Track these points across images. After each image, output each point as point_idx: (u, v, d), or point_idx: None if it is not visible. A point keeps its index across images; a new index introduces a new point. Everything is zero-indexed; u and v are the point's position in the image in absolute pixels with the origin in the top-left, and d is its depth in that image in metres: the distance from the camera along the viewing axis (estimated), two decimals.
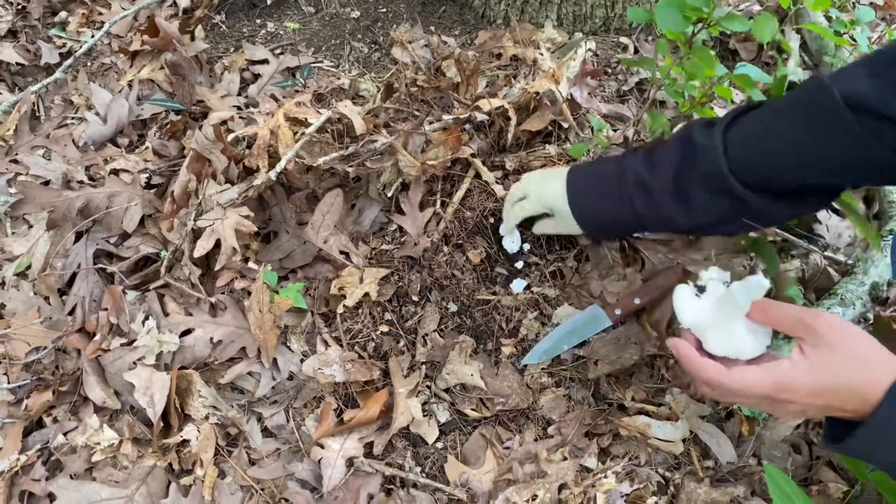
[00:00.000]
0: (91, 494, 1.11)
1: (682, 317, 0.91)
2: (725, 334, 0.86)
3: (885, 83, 0.79)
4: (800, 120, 0.91)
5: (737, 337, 0.85)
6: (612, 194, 1.13)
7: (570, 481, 1.13)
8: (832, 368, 0.74)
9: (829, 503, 1.16)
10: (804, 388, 0.75)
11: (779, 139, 0.93)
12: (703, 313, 0.89)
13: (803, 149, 0.91)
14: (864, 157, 0.85)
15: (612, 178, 1.14)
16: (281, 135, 1.18)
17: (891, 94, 0.78)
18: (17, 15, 1.82)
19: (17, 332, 1.28)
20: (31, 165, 1.51)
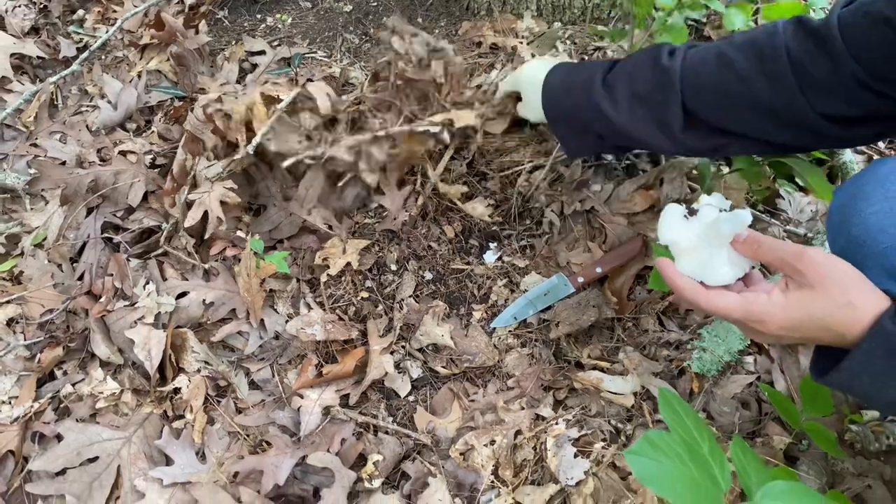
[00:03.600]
0: (94, 436, 1.22)
1: (662, 233, 0.90)
2: (703, 259, 0.86)
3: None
4: (747, 61, 0.97)
5: (713, 263, 0.85)
6: (579, 87, 1.17)
7: (525, 428, 1.21)
8: (809, 307, 0.74)
9: (771, 453, 1.23)
10: (776, 321, 0.75)
11: (727, 75, 0.98)
12: (685, 235, 0.88)
13: (740, 89, 0.97)
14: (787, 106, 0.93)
15: (582, 76, 1.18)
16: (256, 111, 1.28)
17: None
18: (39, 13, 1.95)
19: (33, 295, 1.40)
20: (48, 148, 1.63)
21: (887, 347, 0.68)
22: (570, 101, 1.19)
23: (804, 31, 0.93)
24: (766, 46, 0.95)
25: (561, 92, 1.22)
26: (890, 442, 1.24)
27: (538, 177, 1.52)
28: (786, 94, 0.94)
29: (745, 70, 0.96)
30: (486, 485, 1.16)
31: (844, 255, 0.98)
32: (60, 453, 1.20)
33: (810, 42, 0.91)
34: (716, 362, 1.32)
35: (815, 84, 0.91)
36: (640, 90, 1.07)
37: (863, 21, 0.86)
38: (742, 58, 0.97)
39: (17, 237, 1.49)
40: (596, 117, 1.14)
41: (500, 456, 1.18)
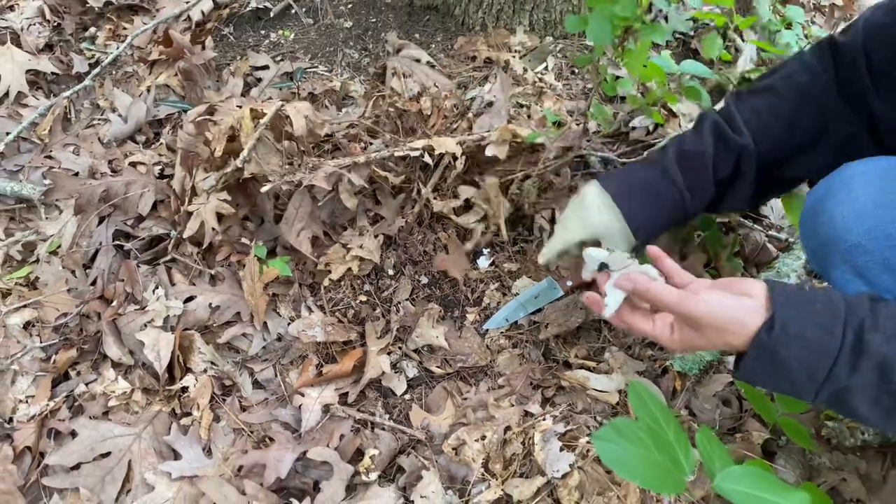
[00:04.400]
0: (106, 432, 1.28)
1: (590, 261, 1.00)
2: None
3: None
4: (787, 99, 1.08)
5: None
6: (655, 181, 1.12)
7: (514, 424, 1.27)
8: (695, 343, 0.86)
9: (750, 448, 1.29)
10: (673, 348, 0.90)
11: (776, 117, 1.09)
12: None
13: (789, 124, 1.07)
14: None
15: (649, 169, 1.14)
16: (244, 125, 1.34)
17: None
18: (53, 31, 2.03)
19: (48, 300, 1.47)
20: (62, 160, 1.71)
21: (767, 354, 0.78)
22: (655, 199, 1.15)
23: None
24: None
25: (639, 196, 1.14)
26: (865, 437, 1.30)
27: (529, 185, 1.59)
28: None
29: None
30: (477, 477, 1.22)
31: (815, 255, 1.05)
32: (75, 449, 1.26)
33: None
34: (697, 362, 1.37)
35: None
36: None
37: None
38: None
39: (33, 245, 1.56)
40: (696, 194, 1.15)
41: (491, 450, 1.24)
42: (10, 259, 1.54)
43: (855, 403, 0.78)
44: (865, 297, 0.80)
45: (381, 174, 1.53)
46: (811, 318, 0.78)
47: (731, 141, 1.08)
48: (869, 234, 0.94)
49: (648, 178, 1.12)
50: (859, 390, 0.77)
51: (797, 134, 1.08)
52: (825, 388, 0.78)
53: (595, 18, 1.21)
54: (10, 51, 1.89)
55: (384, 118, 1.69)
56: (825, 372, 0.77)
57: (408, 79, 1.76)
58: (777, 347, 0.77)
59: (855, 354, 0.76)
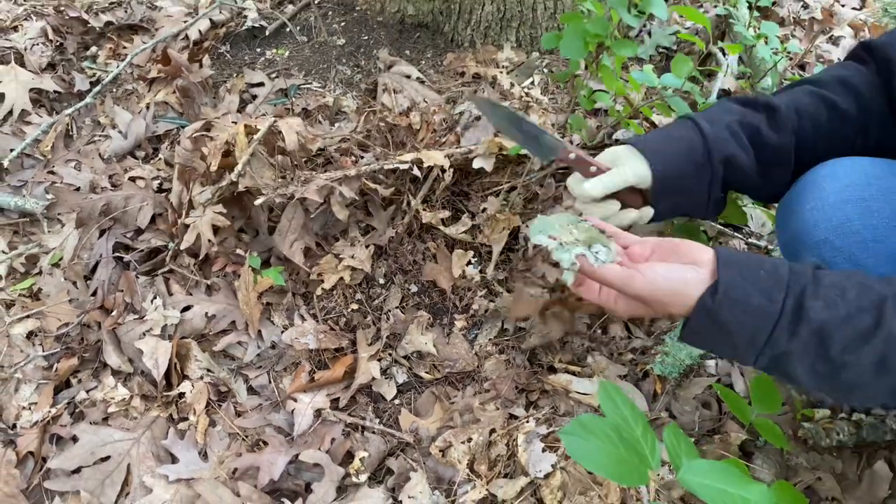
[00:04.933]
0: (106, 437, 1.33)
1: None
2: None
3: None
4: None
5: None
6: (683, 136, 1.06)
7: (499, 426, 1.32)
8: (642, 312, 0.89)
9: (728, 448, 1.33)
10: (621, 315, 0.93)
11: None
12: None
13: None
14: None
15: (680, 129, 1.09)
16: (238, 141, 1.40)
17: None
18: (55, 50, 2.09)
19: (51, 310, 1.52)
20: (64, 175, 1.76)
21: (710, 317, 0.79)
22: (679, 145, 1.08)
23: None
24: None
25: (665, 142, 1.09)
26: (840, 438, 1.34)
27: (515, 196, 1.64)
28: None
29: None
30: (463, 478, 1.26)
31: (787, 248, 1.09)
32: (76, 453, 1.30)
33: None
34: (677, 365, 1.42)
35: None
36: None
37: None
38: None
39: (36, 257, 1.61)
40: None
41: (476, 452, 1.28)
42: (13, 271, 1.59)
43: (793, 369, 0.79)
44: (810, 266, 0.81)
45: (372, 187, 1.58)
46: (755, 285, 0.78)
47: (767, 103, 1.06)
48: (836, 231, 0.99)
49: (678, 132, 1.07)
50: (797, 356, 0.77)
51: (844, 122, 1.07)
52: (765, 352, 0.79)
53: (568, 35, 1.27)
54: (13, 70, 1.94)
55: (375, 132, 1.74)
56: (765, 336, 0.77)
57: (398, 94, 1.82)
58: (719, 311, 0.78)
59: (794, 320, 0.77)
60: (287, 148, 1.45)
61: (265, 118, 1.49)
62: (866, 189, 0.99)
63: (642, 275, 0.83)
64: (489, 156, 1.64)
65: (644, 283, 0.83)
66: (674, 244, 0.88)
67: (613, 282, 0.85)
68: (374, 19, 2.08)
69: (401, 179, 1.66)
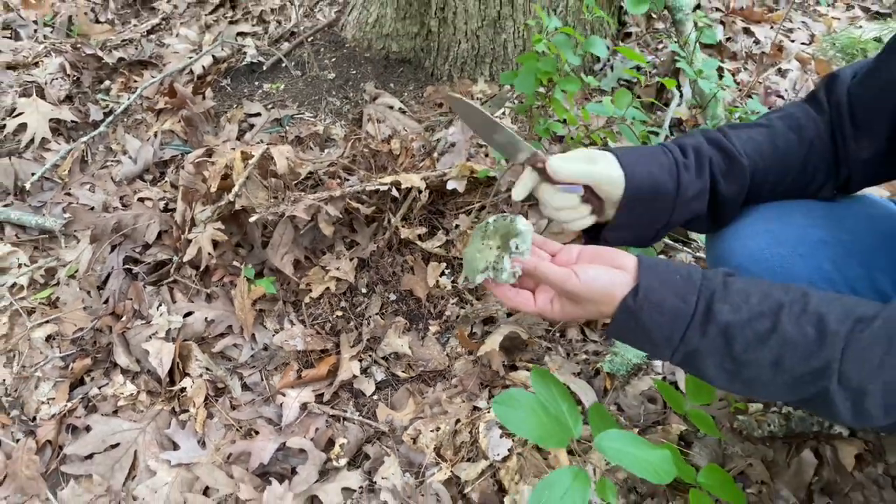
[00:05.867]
0: (116, 427, 1.48)
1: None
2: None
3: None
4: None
5: (504, 266, 0.93)
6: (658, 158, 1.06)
7: (464, 417, 1.47)
8: (573, 313, 0.92)
9: (669, 437, 1.48)
10: (553, 318, 0.95)
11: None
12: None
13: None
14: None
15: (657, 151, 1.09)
16: (235, 165, 1.58)
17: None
18: (72, 84, 2.28)
19: (67, 316, 1.68)
20: (80, 196, 1.94)
21: (631, 317, 0.85)
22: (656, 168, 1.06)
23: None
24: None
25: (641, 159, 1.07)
26: (771, 429, 1.49)
27: (485, 214, 1.81)
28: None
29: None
30: (431, 461, 1.41)
31: (713, 268, 1.23)
32: (89, 441, 1.46)
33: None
34: (625, 364, 1.58)
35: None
36: None
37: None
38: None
39: (54, 270, 1.78)
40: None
41: (443, 439, 1.44)
42: (34, 282, 1.76)
43: (703, 365, 0.85)
44: (721, 273, 0.87)
45: (356, 206, 1.76)
46: (671, 288, 0.84)
47: (728, 150, 1.09)
48: (749, 258, 1.13)
49: (652, 151, 1.07)
50: (707, 353, 0.83)
51: (786, 162, 1.10)
52: (679, 349, 0.84)
53: (523, 73, 1.45)
54: (35, 102, 2.13)
55: (360, 157, 1.92)
56: (680, 335, 0.83)
57: (381, 123, 2.00)
58: (639, 312, 0.84)
59: (704, 321, 0.82)
60: (278, 171, 1.63)
61: (260, 145, 1.67)
62: (775, 223, 1.12)
63: (577, 275, 0.90)
64: (461, 178, 1.82)
65: (578, 283, 0.88)
66: (596, 250, 0.96)
67: (552, 278, 0.89)
68: (361, 55, 2.27)
69: (382, 199, 1.83)
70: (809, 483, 1.40)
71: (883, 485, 1.41)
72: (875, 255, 1.10)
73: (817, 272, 1.10)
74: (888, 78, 1.00)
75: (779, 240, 1.11)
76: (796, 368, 0.80)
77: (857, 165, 1.09)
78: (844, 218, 1.13)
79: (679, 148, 1.06)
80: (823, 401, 0.81)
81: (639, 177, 1.01)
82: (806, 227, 1.12)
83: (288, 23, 2.47)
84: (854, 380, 0.77)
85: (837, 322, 0.79)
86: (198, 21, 2.55)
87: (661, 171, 1.02)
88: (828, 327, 0.79)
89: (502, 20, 2.06)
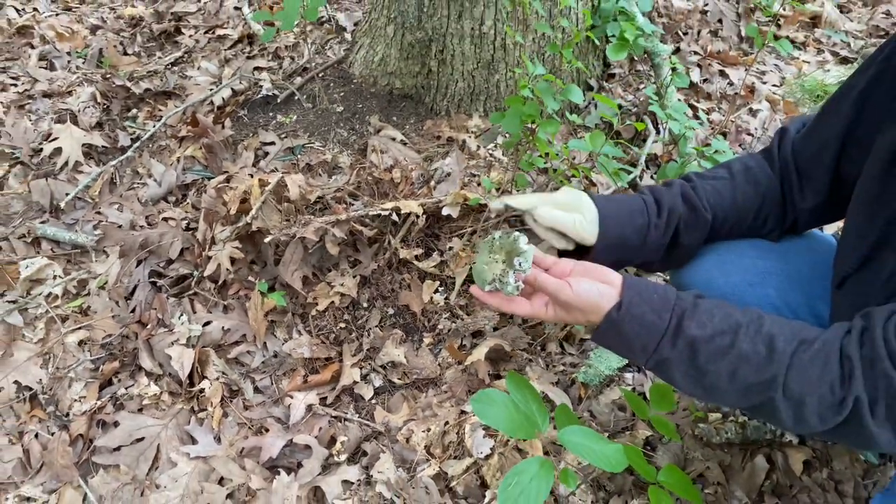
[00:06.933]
0: (141, 423, 1.64)
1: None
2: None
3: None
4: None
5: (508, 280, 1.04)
6: (634, 207, 1.20)
7: (452, 419, 1.63)
8: (564, 318, 1.04)
9: (634, 441, 1.63)
10: (547, 320, 1.09)
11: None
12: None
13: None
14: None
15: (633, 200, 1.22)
16: (253, 191, 1.75)
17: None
18: (103, 112, 2.47)
19: (97, 323, 1.85)
20: (109, 215, 2.11)
21: (614, 327, 0.97)
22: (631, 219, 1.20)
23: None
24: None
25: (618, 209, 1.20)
26: (728, 436, 1.64)
27: (476, 238, 1.98)
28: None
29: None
30: (421, 458, 1.57)
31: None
32: (117, 435, 1.61)
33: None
34: (598, 375, 1.73)
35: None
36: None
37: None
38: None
39: (86, 281, 1.95)
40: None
41: (433, 439, 1.59)
42: (67, 292, 1.93)
43: (673, 373, 0.95)
44: (692, 294, 0.98)
45: (359, 228, 1.93)
46: (649, 305, 0.95)
47: (696, 206, 1.20)
48: (704, 286, 1.27)
49: (631, 209, 1.20)
50: (675, 362, 0.94)
51: (742, 212, 1.23)
52: (654, 357, 0.95)
53: (509, 114, 1.63)
54: (69, 128, 2.31)
55: (364, 184, 2.10)
56: (654, 345, 0.94)
57: (384, 154, 2.18)
58: (621, 323, 0.95)
59: (675, 335, 0.93)
60: (291, 197, 1.80)
61: (275, 174, 1.85)
62: (728, 254, 1.27)
63: (571, 286, 0.99)
64: (455, 205, 1.99)
65: (571, 293, 0.98)
66: (586, 266, 1.05)
67: (549, 288, 1.00)
68: (367, 91, 2.46)
69: (383, 223, 2.00)
70: (761, 485, 1.54)
71: (828, 489, 1.56)
72: (813, 285, 1.24)
73: (764, 299, 1.26)
74: (826, 136, 1.14)
75: (730, 271, 1.26)
76: (748, 379, 0.90)
77: (803, 213, 1.22)
78: (788, 252, 1.28)
79: (656, 205, 1.19)
80: (770, 408, 0.90)
81: (610, 235, 1.16)
82: (755, 260, 1.27)
83: (301, 59, 2.66)
84: (796, 392, 0.87)
85: (785, 342, 0.89)
86: (217, 55, 2.74)
87: (632, 232, 1.18)
88: (777, 347, 0.89)
89: (495, 62, 2.25)
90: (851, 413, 0.84)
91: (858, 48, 3.03)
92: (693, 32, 2.92)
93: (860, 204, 1.05)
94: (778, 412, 0.89)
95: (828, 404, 0.85)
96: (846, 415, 0.84)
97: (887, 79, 1.02)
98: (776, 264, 1.28)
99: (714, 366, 0.92)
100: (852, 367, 0.84)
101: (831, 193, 1.16)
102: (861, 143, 1.06)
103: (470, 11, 2.13)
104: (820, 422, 0.88)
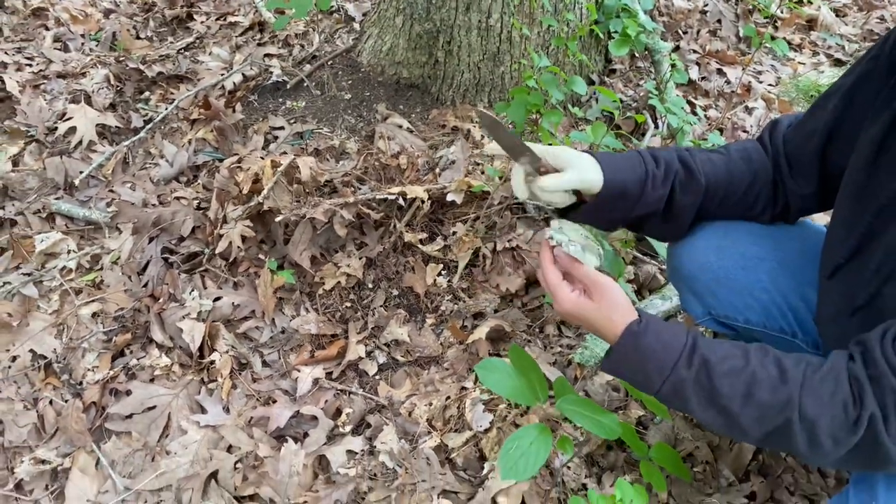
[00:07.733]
0: (153, 392, 1.68)
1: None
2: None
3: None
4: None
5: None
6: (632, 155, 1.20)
7: (453, 394, 1.68)
8: (586, 310, 1.03)
9: (627, 419, 1.68)
10: (565, 307, 1.03)
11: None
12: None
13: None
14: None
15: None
16: (265, 172, 1.79)
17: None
18: (116, 94, 2.50)
19: (110, 297, 1.89)
20: (122, 194, 2.15)
21: (634, 342, 0.97)
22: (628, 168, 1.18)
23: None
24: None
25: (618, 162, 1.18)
26: None
27: (479, 224, 2.03)
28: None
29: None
30: (423, 431, 1.61)
31: (671, 276, 1.42)
32: (129, 403, 1.66)
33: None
34: (594, 357, 1.78)
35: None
36: None
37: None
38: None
39: (99, 256, 1.99)
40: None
41: (434, 413, 1.64)
42: (81, 266, 1.97)
43: (688, 396, 0.94)
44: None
45: (366, 212, 1.97)
46: (665, 325, 1.00)
47: (691, 168, 1.20)
48: (699, 268, 1.33)
49: (631, 161, 1.18)
50: (691, 384, 0.93)
51: (734, 185, 1.23)
52: (670, 379, 0.94)
53: (514, 105, 1.68)
54: (83, 109, 2.35)
55: (371, 170, 2.14)
56: (672, 363, 0.94)
57: (391, 140, 2.22)
58: (642, 336, 0.96)
59: (692, 352, 0.95)
60: (302, 179, 1.84)
61: (287, 155, 1.89)
62: (723, 239, 1.30)
63: (598, 281, 1.02)
64: (460, 191, 2.04)
65: (610, 282, 1.01)
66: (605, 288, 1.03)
67: (583, 275, 1.03)
68: (375, 79, 2.50)
69: (389, 207, 2.04)
70: (748, 465, 1.59)
71: (811, 469, 1.61)
72: (804, 271, 1.28)
73: (756, 283, 1.30)
74: (814, 127, 1.18)
75: (724, 255, 1.30)
76: (764, 400, 0.90)
77: (794, 197, 1.25)
78: (781, 239, 1.32)
79: (654, 159, 1.19)
80: (787, 433, 0.89)
81: (614, 183, 1.13)
82: (748, 245, 1.30)
83: (310, 47, 2.70)
84: (810, 412, 0.87)
85: (793, 365, 0.91)
86: (229, 41, 2.78)
87: (632, 180, 1.15)
88: (787, 367, 0.91)
89: (501, 55, 2.29)
90: (867, 431, 0.84)
91: (852, 51, 3.09)
92: (693, 31, 2.97)
93: (847, 196, 1.09)
94: (794, 436, 0.89)
95: (840, 424, 0.86)
96: (861, 433, 0.85)
97: (874, 77, 1.06)
98: (768, 251, 1.32)
99: (729, 388, 0.92)
100: (861, 387, 0.86)
101: (821, 183, 1.21)
102: (848, 137, 1.10)
103: (478, 4, 2.17)
104: (833, 444, 0.87)
